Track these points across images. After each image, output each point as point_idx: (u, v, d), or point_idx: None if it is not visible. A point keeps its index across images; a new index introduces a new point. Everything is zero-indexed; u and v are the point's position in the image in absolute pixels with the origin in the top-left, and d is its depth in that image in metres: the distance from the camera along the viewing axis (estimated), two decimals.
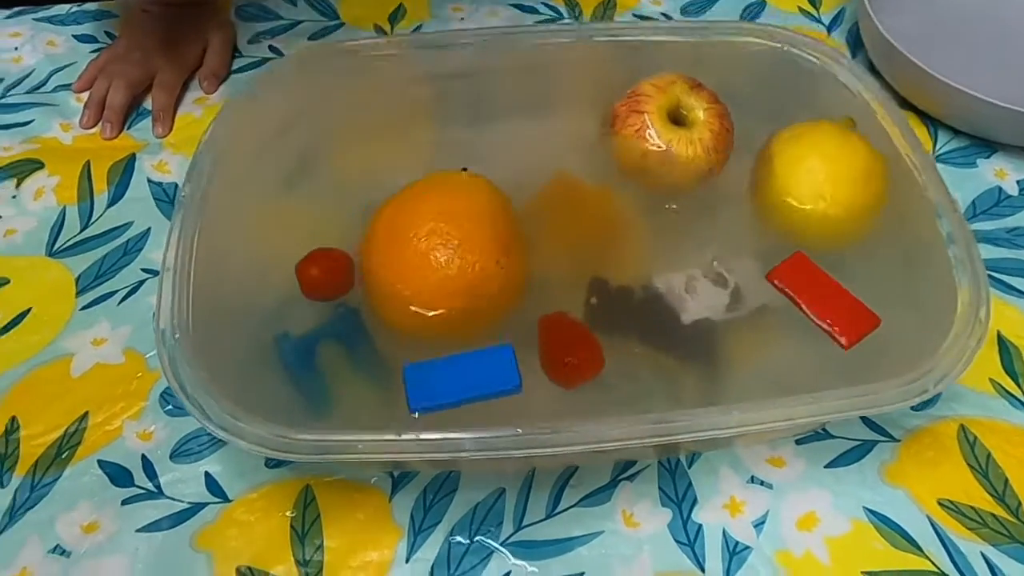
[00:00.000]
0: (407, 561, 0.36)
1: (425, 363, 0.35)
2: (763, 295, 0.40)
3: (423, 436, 0.30)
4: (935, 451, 0.39)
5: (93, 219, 0.49)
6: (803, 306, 0.39)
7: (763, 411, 0.33)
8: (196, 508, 0.38)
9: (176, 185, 0.50)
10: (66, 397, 0.42)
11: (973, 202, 0.50)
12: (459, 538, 0.37)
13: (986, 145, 0.52)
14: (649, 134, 0.41)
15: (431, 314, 0.36)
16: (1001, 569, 0.36)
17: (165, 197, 0.50)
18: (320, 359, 0.38)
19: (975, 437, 0.40)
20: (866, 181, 0.40)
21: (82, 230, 0.48)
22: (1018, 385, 0.42)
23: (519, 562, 0.36)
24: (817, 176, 0.39)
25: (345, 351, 0.39)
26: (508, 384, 0.34)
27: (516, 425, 0.30)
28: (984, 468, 0.39)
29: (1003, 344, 0.43)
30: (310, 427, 0.32)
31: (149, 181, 0.51)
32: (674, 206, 0.42)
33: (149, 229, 0.48)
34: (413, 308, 0.36)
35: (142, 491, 0.38)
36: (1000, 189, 0.50)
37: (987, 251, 0.47)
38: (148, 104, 0.55)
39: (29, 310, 0.45)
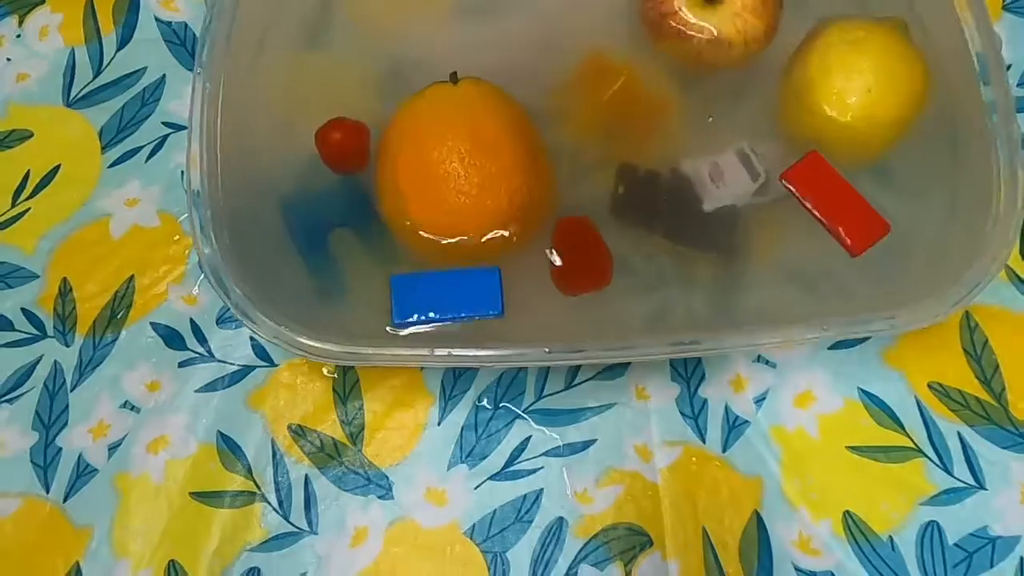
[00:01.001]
0: (439, 424, 0.41)
1: (412, 276, 0.36)
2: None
3: (455, 352, 0.33)
4: (936, 337, 0.41)
5: (105, 64, 0.47)
6: (814, 210, 0.38)
7: (774, 333, 0.34)
8: (247, 371, 0.42)
9: (186, 25, 0.48)
10: (110, 259, 0.44)
11: None
12: (486, 404, 0.41)
13: None
14: (690, 32, 0.38)
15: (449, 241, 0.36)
16: (972, 446, 0.40)
17: (176, 39, 0.47)
18: (333, 244, 0.40)
19: (976, 324, 0.42)
20: (913, 103, 0.37)
21: (95, 76, 0.47)
22: None
23: (539, 427, 0.40)
24: (864, 98, 0.37)
25: (357, 238, 0.40)
26: (491, 309, 0.36)
27: (543, 344, 0.33)
28: (979, 354, 0.41)
29: None
30: (330, 333, 0.35)
31: (157, 20, 0.48)
32: (710, 118, 0.40)
33: (164, 76, 0.47)
34: (444, 240, 0.36)
35: (195, 355, 0.42)
36: None
37: None
38: None
39: (59, 167, 0.45)
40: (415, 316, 0.36)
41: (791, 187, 0.38)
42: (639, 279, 0.40)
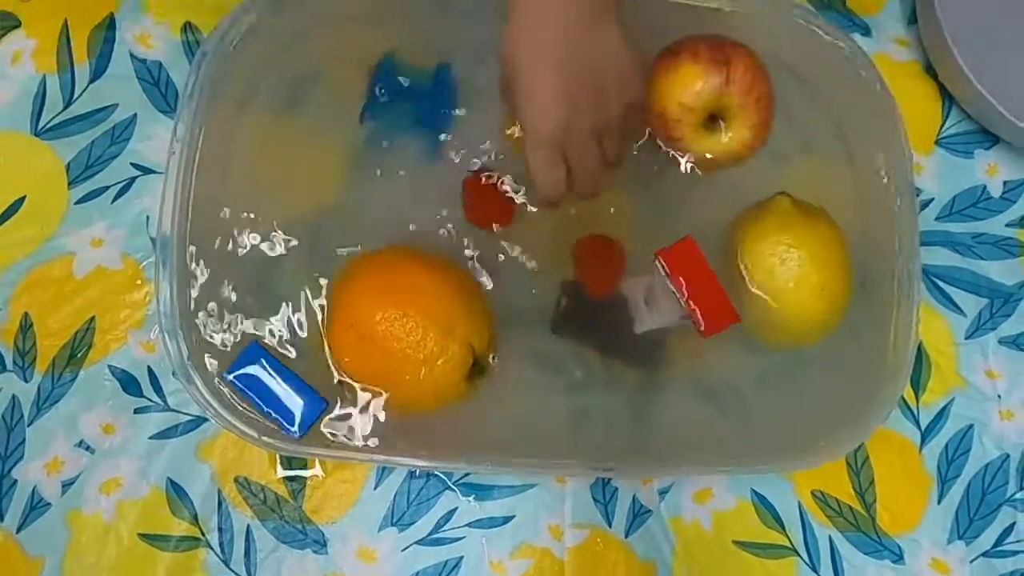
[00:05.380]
0: (375, 488, 0.44)
1: (266, 354, 0.40)
2: None
3: (393, 458, 0.37)
4: None
5: (76, 95, 0.47)
6: (679, 289, 0.42)
7: (686, 469, 0.40)
8: (199, 421, 0.44)
9: (160, 64, 0.48)
10: (73, 298, 0.45)
11: (953, 199, 0.51)
12: (419, 473, 0.45)
13: (991, 135, 0.51)
14: (688, 153, 0.42)
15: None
16: (839, 550, 0.46)
17: (149, 78, 0.48)
18: None
19: (862, 443, 0.47)
20: (843, 289, 0.42)
21: (66, 107, 0.47)
22: (917, 398, 0.48)
23: (465, 498, 0.45)
24: (801, 296, 0.41)
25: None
26: (296, 428, 0.40)
27: (488, 460, 0.39)
28: (858, 468, 0.47)
29: (920, 357, 0.48)
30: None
31: (132, 56, 0.48)
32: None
33: (135, 116, 0.47)
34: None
35: (151, 403, 0.44)
36: (984, 188, 0.51)
37: (944, 257, 0.50)
38: None
39: (24, 198, 0.46)
40: (241, 384, 0.40)
41: (663, 264, 0.41)
42: (569, 378, 0.43)
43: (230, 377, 0.40)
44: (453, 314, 0.38)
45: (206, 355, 0.41)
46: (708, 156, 0.42)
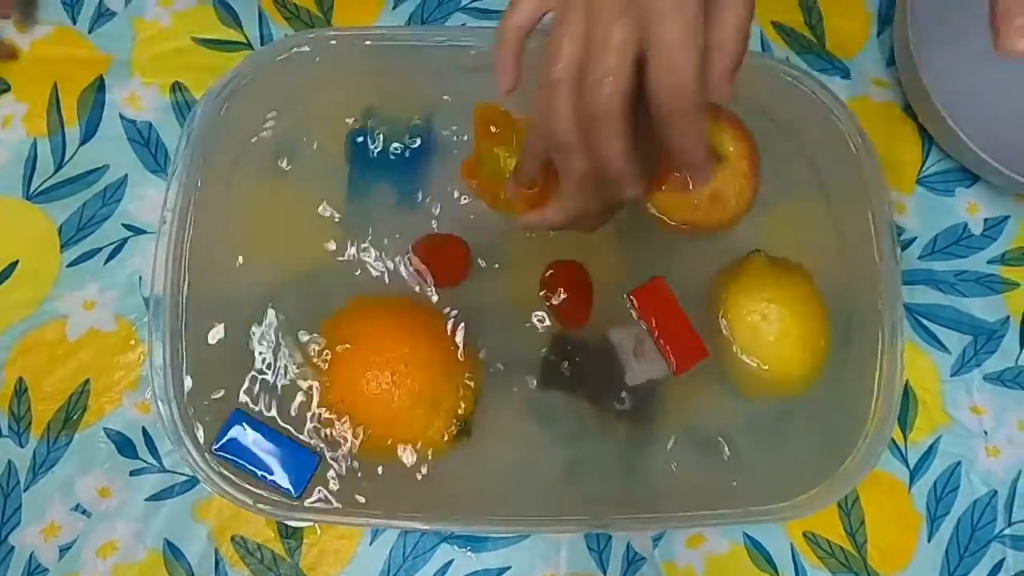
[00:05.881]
0: (371, 544, 0.45)
1: (250, 420, 0.41)
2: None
3: (389, 521, 0.37)
4: None
5: (67, 158, 0.48)
6: (651, 328, 0.43)
7: (674, 524, 0.40)
8: (194, 481, 0.45)
9: (151, 125, 0.49)
10: (67, 362, 0.46)
11: (935, 237, 0.52)
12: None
13: (970, 173, 0.52)
14: (691, 188, 0.42)
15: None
16: None
17: (140, 139, 0.48)
18: None
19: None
20: (823, 341, 0.43)
21: (57, 170, 0.48)
22: (905, 437, 0.49)
23: (461, 550, 0.45)
24: (784, 351, 0.42)
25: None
26: (292, 488, 0.40)
27: (482, 519, 0.39)
28: (849, 508, 0.47)
29: (907, 395, 0.49)
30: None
31: (122, 118, 0.48)
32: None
33: (126, 176, 0.48)
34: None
35: (146, 464, 0.45)
36: (965, 226, 0.52)
37: (927, 295, 0.51)
38: None
39: (16, 262, 0.47)
40: (229, 454, 0.40)
41: (636, 305, 0.42)
42: (562, 429, 0.44)
43: (217, 448, 0.40)
44: (439, 389, 0.39)
45: (199, 418, 0.41)
46: (715, 188, 0.42)
